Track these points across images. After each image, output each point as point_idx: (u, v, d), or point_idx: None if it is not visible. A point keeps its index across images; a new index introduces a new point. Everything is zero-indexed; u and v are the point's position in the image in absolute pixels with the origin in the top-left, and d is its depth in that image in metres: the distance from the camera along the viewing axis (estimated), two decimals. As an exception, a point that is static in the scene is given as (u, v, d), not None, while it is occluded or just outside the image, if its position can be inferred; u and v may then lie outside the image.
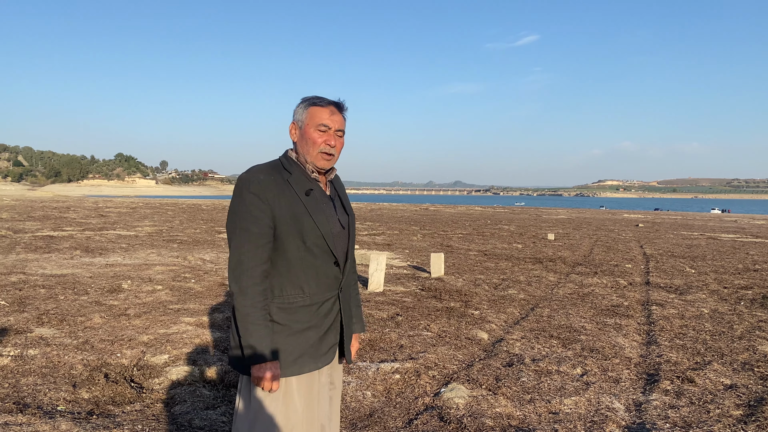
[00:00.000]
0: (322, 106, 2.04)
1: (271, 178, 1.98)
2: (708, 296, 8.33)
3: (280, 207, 1.95)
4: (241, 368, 2.00)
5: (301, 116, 2.07)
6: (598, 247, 16.11)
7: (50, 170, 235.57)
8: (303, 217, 1.97)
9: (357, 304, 2.38)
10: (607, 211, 58.92)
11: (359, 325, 2.39)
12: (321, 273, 2.03)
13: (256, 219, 1.93)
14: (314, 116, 2.03)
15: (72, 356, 4.62)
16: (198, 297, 7.18)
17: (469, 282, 9.16)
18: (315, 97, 2.07)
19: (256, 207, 1.93)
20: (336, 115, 2.05)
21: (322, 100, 2.06)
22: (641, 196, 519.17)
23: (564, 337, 5.79)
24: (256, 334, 1.92)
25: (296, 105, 2.11)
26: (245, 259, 1.93)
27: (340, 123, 2.06)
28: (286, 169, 2.04)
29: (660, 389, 4.26)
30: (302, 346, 2.01)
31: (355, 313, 2.36)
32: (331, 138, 2.04)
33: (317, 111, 2.03)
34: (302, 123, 2.06)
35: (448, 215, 34.90)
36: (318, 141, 2.03)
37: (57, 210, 27.12)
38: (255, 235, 1.93)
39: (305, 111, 2.06)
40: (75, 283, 7.87)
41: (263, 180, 1.96)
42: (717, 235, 21.89)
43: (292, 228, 1.96)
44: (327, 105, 2.05)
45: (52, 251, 11.37)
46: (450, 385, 4.24)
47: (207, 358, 4.73)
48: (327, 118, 2.03)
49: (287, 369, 1.99)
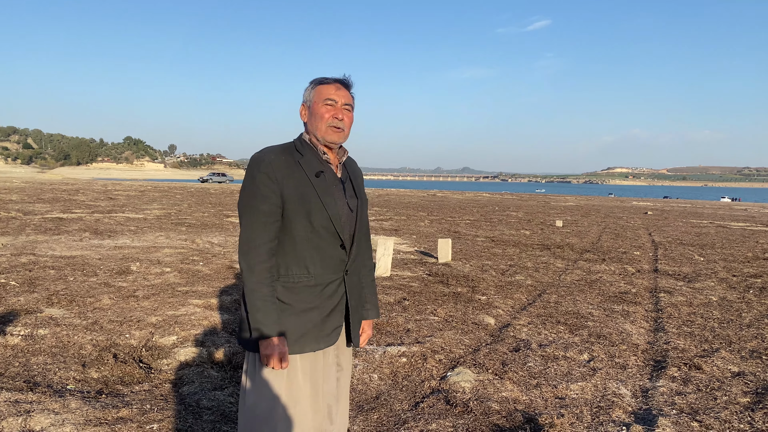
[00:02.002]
0: (328, 83, 2.08)
1: (282, 158, 2.01)
2: (717, 284, 8.29)
3: (289, 187, 1.97)
4: (249, 346, 2.02)
5: (309, 95, 2.11)
6: (606, 234, 16.04)
7: (59, 153, 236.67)
8: (311, 198, 1.99)
9: (372, 290, 2.38)
10: (616, 198, 58.63)
11: (373, 311, 2.38)
12: (326, 255, 2.04)
13: (265, 198, 1.95)
14: (321, 93, 2.07)
15: (81, 336, 4.66)
16: (206, 279, 7.22)
17: (476, 268, 9.16)
18: (320, 77, 2.11)
19: (265, 186, 1.96)
20: (342, 90, 2.08)
21: (328, 78, 2.10)
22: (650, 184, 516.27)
23: (571, 323, 5.78)
24: (263, 309, 1.93)
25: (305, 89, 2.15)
26: (254, 236, 1.96)
27: (346, 97, 2.09)
28: (299, 150, 2.07)
29: (667, 376, 4.26)
30: (305, 326, 2.02)
31: (369, 299, 2.36)
32: (339, 111, 2.06)
33: (323, 88, 2.07)
34: (310, 102, 2.10)
35: (455, 201, 34.84)
36: (326, 115, 2.05)
37: (66, 192, 27.26)
38: (263, 213, 1.96)
39: (313, 90, 2.10)
40: (84, 264, 7.92)
41: (273, 160, 1.99)
42: (726, 224, 21.74)
43: (300, 208, 1.98)
44: (333, 82, 2.09)
45: (62, 233, 11.44)
46: (456, 369, 4.25)
47: (215, 339, 4.76)
48: (333, 93, 2.06)
49: (289, 347, 2.00)
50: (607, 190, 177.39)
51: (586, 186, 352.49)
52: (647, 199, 56.29)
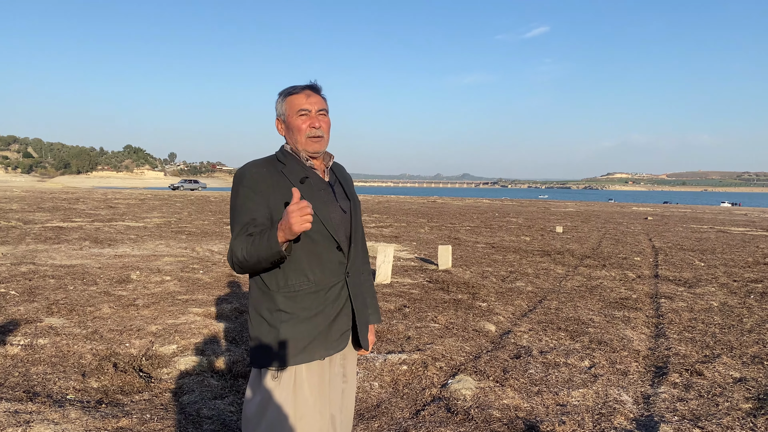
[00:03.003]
0: (296, 93, 2.06)
1: (264, 171, 2.01)
2: (717, 289, 8.28)
3: (276, 197, 1.97)
4: (257, 362, 1.99)
5: (281, 109, 2.10)
6: (606, 239, 16.04)
7: (60, 162, 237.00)
8: None
9: (371, 293, 2.37)
10: (616, 203, 58.64)
11: (375, 315, 2.37)
12: (325, 259, 2.03)
13: (249, 211, 1.95)
14: (292, 104, 2.05)
15: (81, 346, 4.65)
16: (206, 288, 7.21)
17: (476, 274, 9.15)
18: (289, 87, 2.10)
19: (249, 200, 1.96)
20: (313, 96, 2.06)
21: (296, 87, 2.09)
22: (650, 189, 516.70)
23: (572, 329, 5.77)
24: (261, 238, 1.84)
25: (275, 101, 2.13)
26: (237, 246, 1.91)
27: (319, 103, 2.07)
28: (281, 161, 2.07)
29: (668, 382, 4.25)
30: (311, 333, 2.00)
31: (370, 303, 2.35)
32: (315, 120, 2.04)
33: (294, 98, 2.05)
34: (284, 115, 2.09)
35: (455, 208, 34.84)
36: (303, 126, 2.04)
37: (66, 201, 27.27)
38: (248, 225, 1.95)
39: (283, 103, 2.09)
40: (84, 273, 7.92)
41: (256, 173, 1.99)
42: (727, 229, 21.74)
43: None
44: (301, 90, 2.07)
45: (62, 242, 11.44)
46: (457, 376, 4.24)
47: (215, 348, 4.75)
48: (305, 102, 2.04)
49: (297, 357, 1.97)
50: (607, 195, 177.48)
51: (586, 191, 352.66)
52: (647, 205, 56.33)
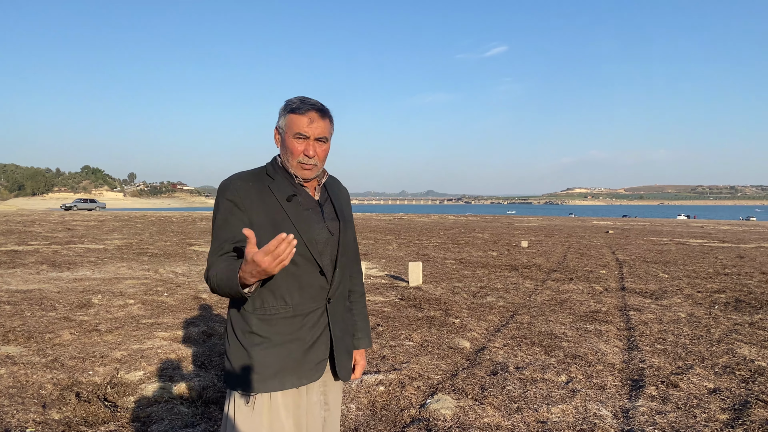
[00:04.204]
0: (300, 113, 1.90)
1: (250, 185, 1.90)
2: (683, 300, 8.43)
3: (259, 214, 1.86)
4: (229, 383, 1.90)
5: (281, 123, 1.96)
6: (571, 253, 16.24)
7: (13, 183, 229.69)
8: (283, 224, 1.87)
9: (363, 317, 2.27)
10: (577, 218, 59.74)
11: (365, 339, 2.26)
12: (305, 283, 1.92)
13: (229, 225, 1.85)
14: (292, 124, 1.91)
15: (41, 375, 4.41)
16: (171, 311, 6.98)
17: (447, 290, 9.11)
18: (296, 102, 1.94)
19: (231, 214, 1.86)
20: (316, 122, 1.91)
21: (303, 105, 1.91)
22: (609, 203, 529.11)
23: (546, 344, 5.76)
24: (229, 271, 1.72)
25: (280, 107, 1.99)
26: (215, 262, 1.84)
27: (321, 130, 1.92)
28: (269, 175, 1.95)
29: (646, 395, 4.25)
30: (283, 360, 1.88)
31: (361, 327, 2.25)
32: (310, 148, 1.91)
33: (295, 119, 1.90)
34: (282, 130, 1.96)
35: (422, 224, 34.95)
36: (296, 151, 1.91)
37: (21, 224, 26.34)
38: (227, 241, 1.85)
39: (285, 118, 1.94)
40: (42, 298, 7.59)
41: (240, 187, 1.88)
42: (686, 241, 22.30)
43: (272, 236, 1.80)
44: (306, 112, 1.90)
45: (17, 266, 10.99)
46: (436, 395, 4.16)
47: (184, 373, 4.56)
48: (305, 127, 1.89)
49: (267, 383, 1.87)
50: (568, 210, 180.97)
51: (548, 206, 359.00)
52: (607, 218, 57.54)
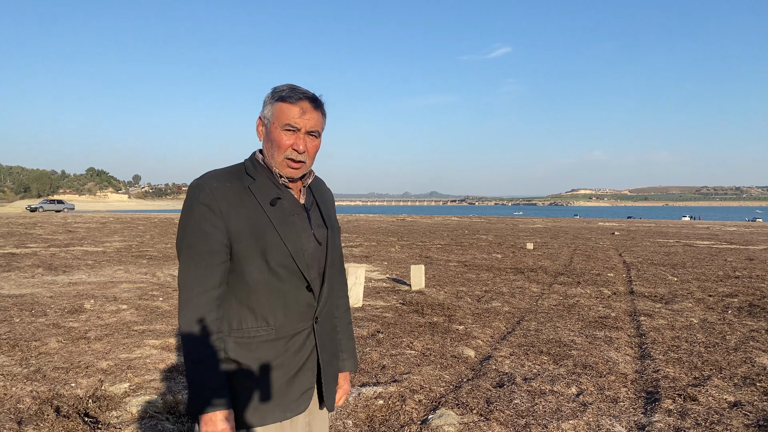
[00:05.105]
0: (291, 102, 1.65)
1: (227, 186, 1.62)
2: (694, 305, 8.15)
3: (238, 220, 1.59)
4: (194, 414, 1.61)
5: (267, 112, 1.69)
6: (577, 256, 15.96)
7: (19, 185, 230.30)
8: (266, 231, 1.61)
9: (349, 335, 1.99)
10: (582, 219, 59.36)
11: (351, 361, 1.98)
12: (290, 300, 1.66)
13: (206, 234, 1.57)
14: (281, 114, 1.65)
15: (20, 387, 4.17)
16: (165, 316, 6.74)
17: (451, 295, 8.85)
18: (286, 89, 1.67)
19: (206, 220, 1.57)
20: (309, 113, 1.66)
21: (294, 93, 1.65)
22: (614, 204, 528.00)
23: (554, 352, 5.49)
24: (205, 376, 1.54)
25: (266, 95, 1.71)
26: (193, 282, 1.56)
27: (314, 123, 1.67)
28: (249, 174, 1.68)
29: (662, 409, 3.98)
30: (266, 391, 1.63)
31: (346, 347, 1.96)
32: (300, 141, 1.66)
33: (285, 108, 1.65)
34: (268, 120, 1.68)
35: (425, 225, 34.67)
36: (283, 144, 1.65)
37: (23, 226, 26.20)
38: (204, 254, 1.57)
39: (272, 107, 1.67)
40: (33, 303, 7.37)
41: (216, 187, 1.60)
42: (692, 242, 21.98)
43: (253, 245, 1.60)
44: (297, 101, 1.65)
45: (12, 269, 10.77)
46: (438, 410, 3.90)
47: (172, 386, 4.32)
48: (296, 118, 1.64)
49: (244, 418, 1.61)
50: (572, 211, 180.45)
51: (552, 208, 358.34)
52: (612, 220, 57.13)
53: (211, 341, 1.56)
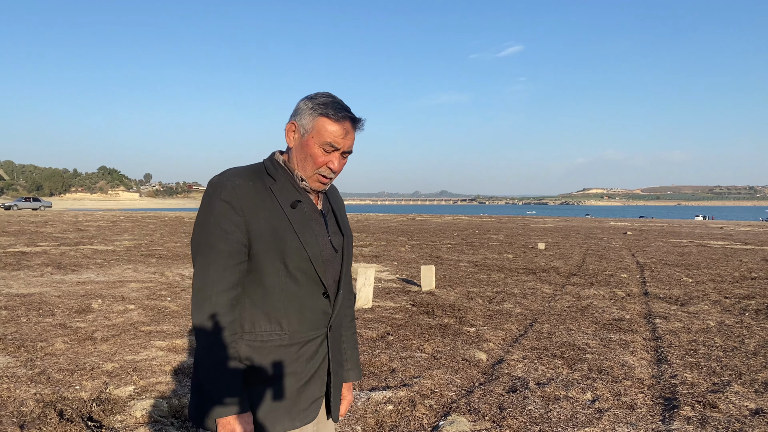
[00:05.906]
0: (335, 120, 1.59)
1: (250, 185, 1.56)
2: (711, 307, 7.98)
3: (258, 220, 1.53)
4: (206, 424, 1.54)
5: (306, 122, 1.61)
6: (589, 256, 15.77)
7: (32, 184, 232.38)
8: (286, 234, 1.55)
9: (353, 345, 1.92)
10: (594, 219, 58.94)
11: (354, 371, 1.91)
12: (306, 306, 1.60)
13: (226, 233, 1.51)
14: (323, 131, 1.59)
15: (24, 390, 4.11)
16: (173, 317, 6.68)
17: (461, 296, 8.73)
18: (329, 103, 1.60)
19: (227, 219, 1.51)
20: (350, 134, 1.63)
21: (338, 111, 1.59)
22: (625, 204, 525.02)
23: (568, 356, 5.37)
24: (222, 378, 1.49)
25: (302, 100, 1.64)
26: (211, 282, 1.51)
27: (351, 143, 1.64)
28: (270, 174, 1.62)
29: (681, 417, 3.85)
30: (275, 398, 1.57)
31: (350, 357, 1.90)
32: (336, 161, 1.62)
33: (329, 126, 1.59)
34: (305, 131, 1.61)
35: (435, 225, 34.52)
36: (319, 161, 1.61)
37: (34, 224, 26.34)
38: (224, 253, 1.51)
39: (313, 119, 1.60)
40: (41, 303, 7.33)
41: (239, 186, 1.54)
42: (706, 243, 21.70)
43: (272, 247, 1.54)
44: (341, 120, 1.60)
45: (22, 268, 10.77)
46: (450, 416, 3.80)
47: (178, 389, 4.24)
48: (340, 138, 1.60)
49: (255, 426, 1.55)
50: (584, 210, 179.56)
51: (563, 207, 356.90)
52: (624, 219, 56.67)
53: (229, 343, 1.52)
